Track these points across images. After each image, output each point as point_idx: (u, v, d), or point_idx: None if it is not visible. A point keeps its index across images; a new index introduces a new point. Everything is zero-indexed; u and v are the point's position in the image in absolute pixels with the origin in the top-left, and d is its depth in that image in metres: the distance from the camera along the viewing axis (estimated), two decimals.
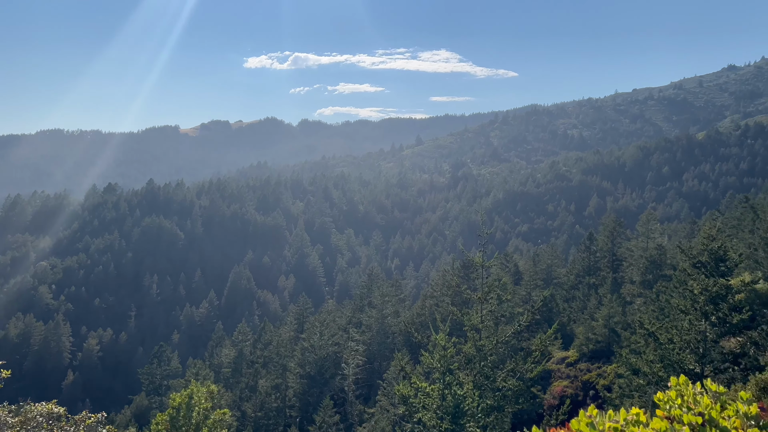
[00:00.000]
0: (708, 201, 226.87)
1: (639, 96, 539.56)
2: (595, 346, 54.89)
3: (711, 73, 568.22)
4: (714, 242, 30.63)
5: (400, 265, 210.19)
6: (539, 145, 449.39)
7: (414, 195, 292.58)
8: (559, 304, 69.91)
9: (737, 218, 79.47)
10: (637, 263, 64.40)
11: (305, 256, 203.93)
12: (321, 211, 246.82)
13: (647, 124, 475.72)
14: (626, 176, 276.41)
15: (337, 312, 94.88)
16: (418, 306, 79.38)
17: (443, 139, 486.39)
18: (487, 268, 26.32)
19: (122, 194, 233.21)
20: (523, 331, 49.45)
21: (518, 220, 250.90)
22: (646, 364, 28.76)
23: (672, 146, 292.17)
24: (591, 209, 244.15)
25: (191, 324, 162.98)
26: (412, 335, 25.74)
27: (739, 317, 27.30)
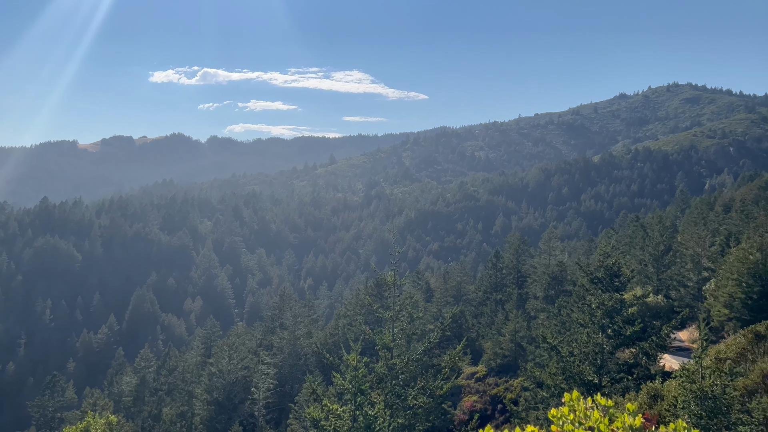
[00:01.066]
0: (603, 220, 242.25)
1: (540, 120, 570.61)
2: (503, 360, 56.67)
3: (605, 101, 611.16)
4: (609, 259, 32.59)
5: (314, 284, 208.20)
6: (449, 166, 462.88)
7: (328, 214, 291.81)
8: (469, 320, 71.68)
9: (629, 236, 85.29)
10: (540, 279, 67.34)
11: (213, 277, 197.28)
12: (231, 230, 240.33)
13: (548, 147, 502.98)
14: (529, 196, 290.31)
15: (247, 335, 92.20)
16: (331, 326, 78.77)
17: (357, 159, 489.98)
18: (399, 287, 26.53)
19: (12, 213, 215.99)
20: (434, 348, 50.21)
21: (429, 238, 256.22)
22: (549, 377, 29.95)
23: (571, 168, 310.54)
24: (497, 228, 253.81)
25: (89, 351, 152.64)
26: (324, 356, 25.42)
27: (632, 329, 29.10)
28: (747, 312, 45.73)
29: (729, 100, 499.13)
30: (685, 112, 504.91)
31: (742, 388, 20.01)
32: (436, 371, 24.15)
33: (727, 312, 47.84)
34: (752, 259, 47.05)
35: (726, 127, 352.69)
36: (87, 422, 32.18)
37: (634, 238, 79.67)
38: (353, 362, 20.72)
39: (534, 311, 63.69)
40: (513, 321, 57.50)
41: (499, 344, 57.07)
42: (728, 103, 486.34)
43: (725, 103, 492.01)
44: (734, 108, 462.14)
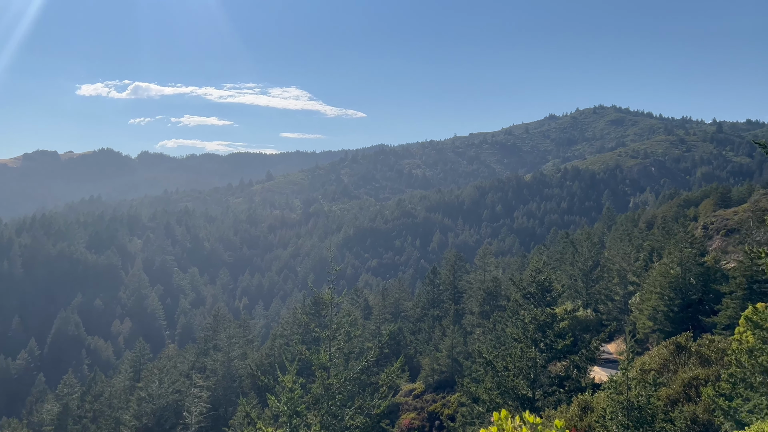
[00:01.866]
0: (535, 236, 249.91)
1: (475, 140, 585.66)
2: (440, 376, 57.03)
3: (536, 121, 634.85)
4: (540, 275, 33.50)
5: (249, 304, 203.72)
6: (387, 183, 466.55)
7: (264, 231, 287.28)
8: (407, 336, 71.90)
9: (560, 252, 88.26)
10: (476, 295, 68.49)
11: (143, 297, 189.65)
12: (162, 248, 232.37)
13: (483, 165, 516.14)
14: (465, 213, 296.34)
15: (179, 357, 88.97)
16: (267, 346, 77.14)
17: (294, 175, 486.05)
18: (336, 305, 26.30)
19: None
20: (373, 366, 49.98)
21: (368, 255, 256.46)
22: (484, 392, 30.32)
23: (504, 186, 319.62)
24: (434, 244, 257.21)
25: (6, 378, 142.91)
26: (258, 378, 24.77)
27: (563, 343, 29.95)
28: (669, 324, 48.07)
29: (650, 123, 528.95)
30: (611, 133, 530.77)
31: (665, 397, 20.88)
32: (373, 390, 23.98)
33: (651, 324, 50.13)
34: (673, 273, 49.61)
35: (648, 148, 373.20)
36: None
37: (564, 254, 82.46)
38: (289, 383, 20.27)
39: (470, 327, 64.58)
40: (450, 337, 58.10)
41: (437, 360, 57.45)
42: (649, 126, 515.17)
43: (647, 125, 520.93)
44: (655, 130, 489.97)
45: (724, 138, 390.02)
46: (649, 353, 33.54)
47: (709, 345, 25.69)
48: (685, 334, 28.90)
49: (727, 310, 42.87)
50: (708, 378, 21.34)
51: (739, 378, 16.64)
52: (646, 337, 51.33)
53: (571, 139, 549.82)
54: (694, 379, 21.64)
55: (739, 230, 71.20)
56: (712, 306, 47.44)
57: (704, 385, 19.85)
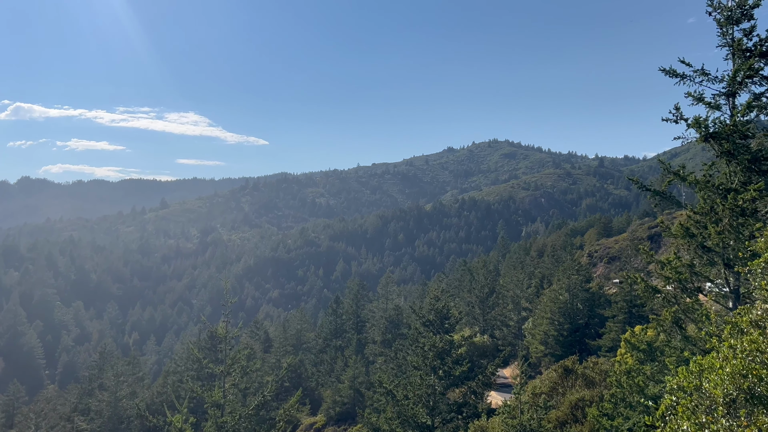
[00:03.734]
0: (436, 264, 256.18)
1: (378, 170, 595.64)
2: (342, 408, 56.28)
3: (435, 153, 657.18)
4: (439, 302, 34.20)
5: (140, 339, 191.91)
6: (290, 212, 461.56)
7: (157, 262, 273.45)
8: (308, 368, 70.60)
9: (458, 279, 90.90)
10: (379, 323, 68.74)
11: (20, 334, 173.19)
12: (42, 281, 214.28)
13: (385, 195, 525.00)
14: (368, 242, 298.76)
15: (60, 398, 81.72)
16: (159, 384, 72.74)
17: (191, 203, 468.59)
18: (233, 338, 25.32)
19: None
20: (272, 401, 48.41)
21: (269, 285, 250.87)
22: (385, 422, 30.21)
23: (406, 216, 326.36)
24: (338, 273, 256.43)
25: None
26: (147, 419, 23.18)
27: (461, 369, 30.57)
28: (559, 347, 50.62)
29: (540, 157, 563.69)
30: (504, 166, 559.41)
31: (554, 420, 21.78)
32: (270, 426, 23.16)
33: (543, 348, 52.54)
34: (562, 299, 52.48)
35: (538, 181, 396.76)
36: None
37: (462, 281, 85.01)
38: (178, 424, 19.11)
39: (372, 356, 64.55)
40: (352, 367, 57.67)
41: (339, 392, 56.72)
42: (539, 159, 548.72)
43: (537, 159, 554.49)
44: (544, 164, 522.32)
45: (605, 172, 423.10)
46: (540, 377, 35.02)
47: (593, 367, 27.21)
48: (571, 358, 30.45)
49: (609, 333, 45.87)
50: (593, 399, 22.53)
51: (620, 398, 17.69)
52: (538, 361, 53.66)
53: (468, 170, 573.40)
54: (581, 400, 22.76)
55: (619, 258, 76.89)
56: (597, 329, 50.59)
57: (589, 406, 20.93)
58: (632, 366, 17.62)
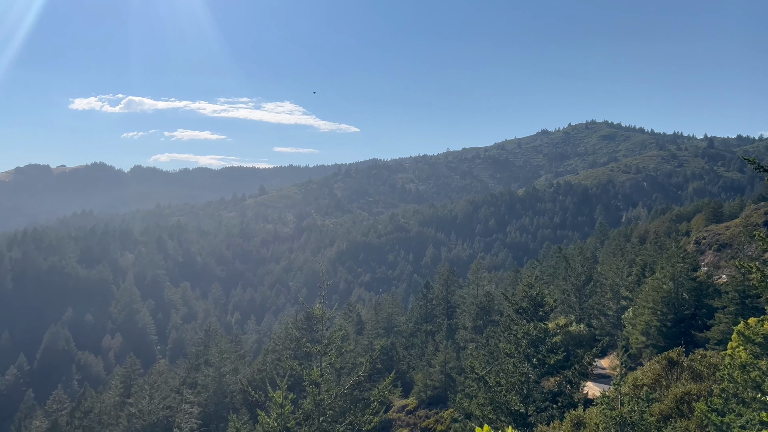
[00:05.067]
0: (528, 251, 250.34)
1: (468, 154, 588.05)
2: (433, 392, 56.65)
3: (528, 136, 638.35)
4: (533, 289, 33.46)
5: (241, 319, 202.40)
6: (380, 198, 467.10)
7: (257, 245, 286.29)
8: (400, 351, 71.47)
9: (553, 267, 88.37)
10: (469, 310, 68.28)
11: (134, 312, 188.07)
12: (154, 263, 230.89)
13: (475, 180, 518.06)
14: (458, 228, 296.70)
15: (170, 372, 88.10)
16: (258, 362, 76.43)
17: (287, 190, 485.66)
18: (328, 320, 26.14)
19: None
20: (365, 382, 49.61)
21: (361, 269, 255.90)
22: (477, 408, 30.11)
23: (497, 201, 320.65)
24: (427, 259, 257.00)
25: None
26: (249, 394, 24.51)
27: (556, 358, 29.83)
28: (662, 339, 48.07)
29: (642, 138, 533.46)
30: (603, 149, 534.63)
31: (657, 413, 20.79)
32: (364, 405, 23.77)
33: (644, 339, 50.12)
34: (666, 288, 49.70)
35: (639, 163, 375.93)
36: None
37: (557, 268, 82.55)
38: (279, 399, 20.05)
39: (463, 342, 64.32)
40: (443, 352, 57.80)
41: (430, 376, 57.09)
42: (641, 141, 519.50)
43: (638, 140, 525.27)
44: (646, 145, 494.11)
45: (715, 153, 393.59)
46: (642, 368, 33.47)
47: (702, 360, 25.66)
48: (677, 349, 28.87)
49: (719, 325, 42.96)
50: (700, 393, 21.28)
51: (731, 393, 16.60)
52: (639, 352, 51.29)
53: (563, 154, 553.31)
54: (687, 394, 21.57)
55: (731, 245, 71.58)
56: (704, 321, 47.53)
57: (697, 401, 19.80)
58: (747, 360, 16.44)
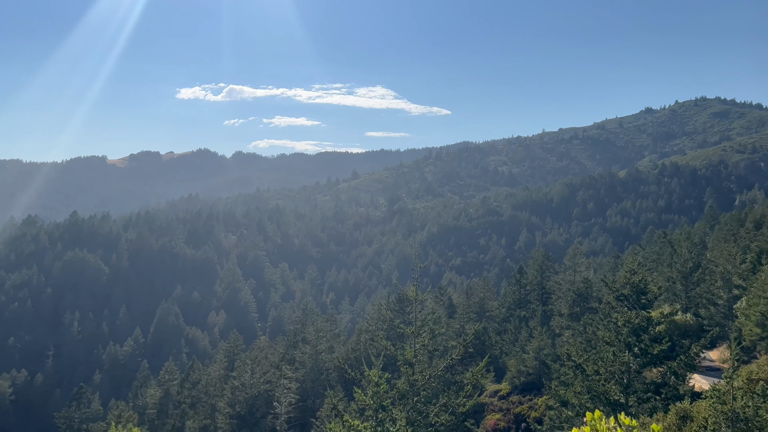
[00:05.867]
0: (630, 236, 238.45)
1: (565, 135, 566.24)
2: (527, 378, 55.82)
3: (630, 115, 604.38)
4: (635, 276, 32.03)
5: (336, 299, 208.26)
6: (471, 181, 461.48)
7: (350, 228, 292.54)
8: (492, 336, 70.90)
9: (657, 253, 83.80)
10: (565, 296, 66.39)
11: (237, 291, 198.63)
12: (254, 244, 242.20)
13: (573, 162, 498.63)
14: (554, 212, 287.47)
15: (270, 348, 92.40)
16: (353, 341, 78.53)
17: (379, 174, 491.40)
18: (421, 302, 26.39)
19: (43, 227, 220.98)
20: (457, 365, 49.68)
21: (452, 253, 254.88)
22: (574, 396, 29.41)
23: (596, 183, 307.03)
24: (521, 243, 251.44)
25: (114, 363, 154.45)
26: (345, 372, 25.32)
27: (660, 348, 28.47)
28: None
29: (759, 114, 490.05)
30: (714, 127, 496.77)
31: None
32: (458, 388, 23.89)
33: (759, 331, 46.58)
34: None
35: (756, 142, 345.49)
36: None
37: (661, 254, 78.28)
38: (375, 378, 20.59)
39: (559, 328, 62.77)
40: (537, 338, 56.71)
41: (523, 362, 56.27)
42: (758, 117, 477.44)
43: (755, 117, 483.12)
44: (765, 122, 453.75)
45: None
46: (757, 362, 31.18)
47: None
48: None
49: None
50: None
51: None
52: (753, 345, 47.77)
53: (669, 133, 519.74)
54: None
55: None
56: None
57: None
58: None
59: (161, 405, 76.50)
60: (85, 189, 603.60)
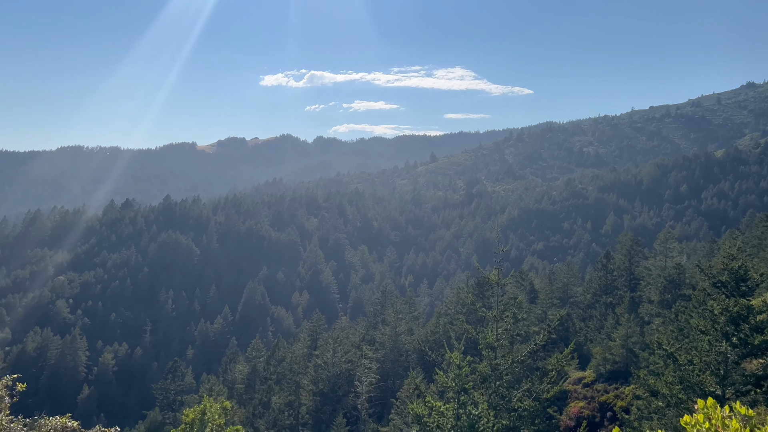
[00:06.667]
0: (727, 220, 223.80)
1: (656, 113, 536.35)
2: (613, 366, 53.99)
3: (729, 91, 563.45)
4: (734, 262, 30.10)
5: (414, 282, 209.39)
6: (555, 163, 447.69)
7: (428, 212, 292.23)
8: (576, 323, 69.01)
9: (758, 237, 78.14)
10: (656, 282, 63.39)
11: (319, 272, 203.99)
12: (335, 227, 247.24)
13: (665, 141, 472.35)
14: (643, 194, 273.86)
15: (351, 329, 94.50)
16: (432, 324, 78.80)
17: (457, 156, 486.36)
18: (502, 286, 26.07)
19: (139, 210, 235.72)
20: (539, 351, 48.79)
21: (533, 237, 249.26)
22: (665, 386, 28.17)
23: (690, 164, 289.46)
24: (608, 227, 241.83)
25: (205, 339, 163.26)
26: (426, 353, 25.51)
27: (761, 338, 26.69)
28: None
29: None
30: None
31: None
32: (542, 374, 23.48)
33: None
34: None
35: None
36: (204, 406, 34.37)
37: (763, 239, 72.96)
38: (457, 360, 20.59)
39: (648, 316, 60.20)
40: (624, 326, 54.61)
41: (609, 349, 54.40)
42: None
43: None
44: None
45: None
46: None
47: None
48: None
49: None
50: None
51: None
52: None
53: None
54: None
55: None
56: None
57: None
58: None
59: (249, 380, 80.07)
60: (177, 174, 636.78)
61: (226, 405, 34.85)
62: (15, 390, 14.55)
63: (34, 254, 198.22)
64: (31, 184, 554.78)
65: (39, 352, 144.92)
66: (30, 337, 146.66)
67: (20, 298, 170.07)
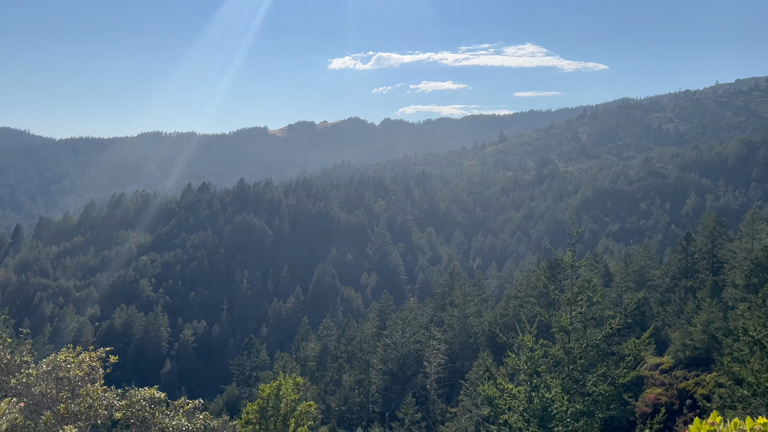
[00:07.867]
0: None
1: (743, 86, 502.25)
2: (693, 352, 51.80)
3: None
4: None
5: (482, 264, 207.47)
6: (631, 141, 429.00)
7: (497, 193, 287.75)
8: (653, 307, 66.55)
9: None
10: (741, 266, 60.00)
11: (387, 254, 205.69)
12: (402, 209, 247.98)
13: (752, 116, 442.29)
14: (728, 173, 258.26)
15: (419, 310, 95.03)
16: (501, 306, 78.03)
17: (528, 136, 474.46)
18: (576, 269, 25.48)
19: (215, 193, 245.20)
20: (614, 335, 47.46)
21: (608, 219, 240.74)
22: (751, 374, 26.83)
23: None
24: (688, 208, 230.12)
25: (279, 318, 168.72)
26: (496, 335, 25.36)
27: None
28: None
29: None
30: None
31: None
32: (618, 359, 22.86)
33: None
34: None
35: None
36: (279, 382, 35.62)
37: None
38: (529, 343, 20.38)
39: (732, 301, 57.19)
40: (706, 310, 52.15)
41: (689, 335, 52.17)
42: None
43: None
44: None
45: None
46: None
47: None
48: None
49: None
50: None
51: None
52: None
53: None
54: None
55: None
56: None
57: None
58: None
59: (320, 358, 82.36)
60: (250, 158, 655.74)
61: (299, 381, 36.00)
62: (108, 362, 15.68)
63: (119, 235, 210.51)
64: (114, 169, 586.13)
65: (125, 328, 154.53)
66: (117, 313, 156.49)
67: (108, 277, 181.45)
